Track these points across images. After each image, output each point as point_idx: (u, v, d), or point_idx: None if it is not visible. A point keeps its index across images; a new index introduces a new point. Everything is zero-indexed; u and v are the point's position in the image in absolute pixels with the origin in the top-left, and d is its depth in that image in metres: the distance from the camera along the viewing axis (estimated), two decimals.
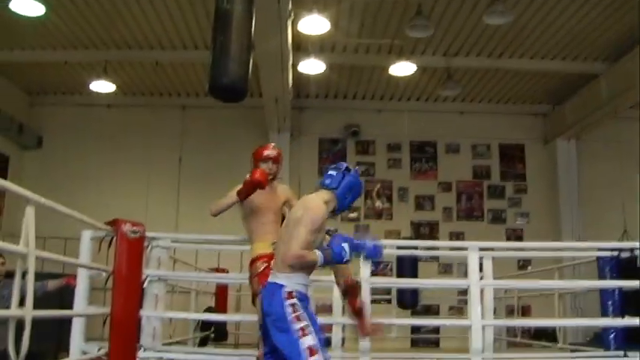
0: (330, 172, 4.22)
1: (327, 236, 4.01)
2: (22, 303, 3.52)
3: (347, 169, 4.24)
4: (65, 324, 6.60)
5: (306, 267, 3.78)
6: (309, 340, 3.58)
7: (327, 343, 6.95)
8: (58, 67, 12.50)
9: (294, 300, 3.70)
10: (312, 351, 3.55)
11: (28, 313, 3.42)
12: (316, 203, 4.03)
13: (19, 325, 3.46)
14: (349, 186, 4.16)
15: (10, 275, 5.19)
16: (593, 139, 13.58)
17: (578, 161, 13.83)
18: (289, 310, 3.67)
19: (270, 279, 3.84)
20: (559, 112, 13.90)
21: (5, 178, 11.42)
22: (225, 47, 5.61)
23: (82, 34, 11.15)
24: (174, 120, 13.96)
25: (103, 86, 12.27)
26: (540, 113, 14.48)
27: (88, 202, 11.08)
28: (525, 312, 11.74)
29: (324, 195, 4.12)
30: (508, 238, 13.74)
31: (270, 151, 5.24)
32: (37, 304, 3.65)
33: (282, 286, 3.72)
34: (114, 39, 11.34)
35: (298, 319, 3.65)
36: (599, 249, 6.89)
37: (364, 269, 5.86)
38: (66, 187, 12.17)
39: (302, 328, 3.61)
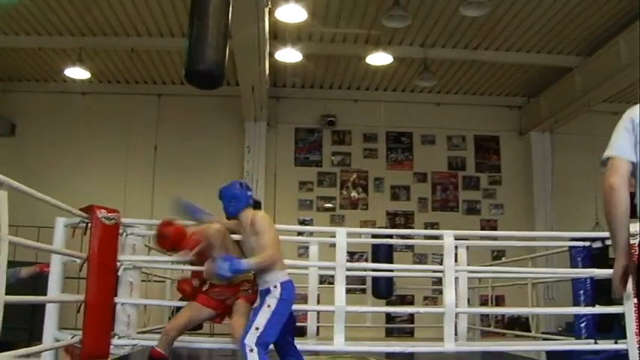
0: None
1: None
2: None
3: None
4: (37, 313, 6.55)
5: None
6: None
7: (302, 331, 6.98)
8: (31, 54, 12.34)
9: None
10: None
11: (0, 298, 3.39)
12: None
13: None
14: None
15: None
16: (567, 131, 13.69)
17: (552, 153, 13.96)
18: None
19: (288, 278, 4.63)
20: (534, 104, 14.01)
21: None
22: (202, 33, 5.58)
23: (56, 20, 11.01)
24: (150, 108, 13.84)
25: (77, 73, 12.15)
26: (515, 105, 14.57)
27: (63, 191, 10.89)
28: (499, 302, 11.85)
29: None
30: (482, 229, 13.82)
31: None
32: (10, 292, 3.62)
33: None
34: (89, 25, 11.21)
35: None
36: (572, 239, 6.99)
37: (339, 256, 5.88)
38: (40, 175, 11.99)
39: None
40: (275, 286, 4.49)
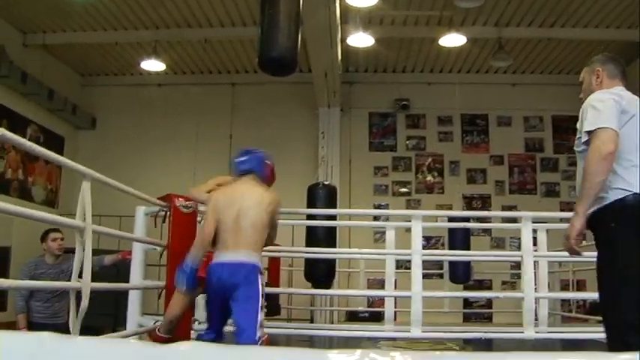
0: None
1: None
2: (81, 276, 3.60)
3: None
4: (121, 300, 6.75)
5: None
6: (262, 316, 4.05)
7: (379, 317, 6.98)
8: (109, 48, 12.68)
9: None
10: (261, 324, 4.03)
11: (86, 284, 3.50)
12: None
13: (80, 299, 3.55)
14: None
15: (69, 252, 5.32)
16: None
17: None
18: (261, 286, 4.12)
19: (246, 259, 4.17)
20: None
21: None
22: (274, 20, 5.60)
23: (131, 15, 11.28)
24: (224, 97, 14.04)
25: (153, 65, 12.40)
26: None
27: (142, 180, 11.19)
28: (580, 286, 11.55)
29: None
30: (562, 212, 13.50)
31: None
32: (95, 279, 3.74)
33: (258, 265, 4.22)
34: (163, 18, 11.44)
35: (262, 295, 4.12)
36: None
37: (416, 242, 5.83)
38: (120, 166, 12.34)
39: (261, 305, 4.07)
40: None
